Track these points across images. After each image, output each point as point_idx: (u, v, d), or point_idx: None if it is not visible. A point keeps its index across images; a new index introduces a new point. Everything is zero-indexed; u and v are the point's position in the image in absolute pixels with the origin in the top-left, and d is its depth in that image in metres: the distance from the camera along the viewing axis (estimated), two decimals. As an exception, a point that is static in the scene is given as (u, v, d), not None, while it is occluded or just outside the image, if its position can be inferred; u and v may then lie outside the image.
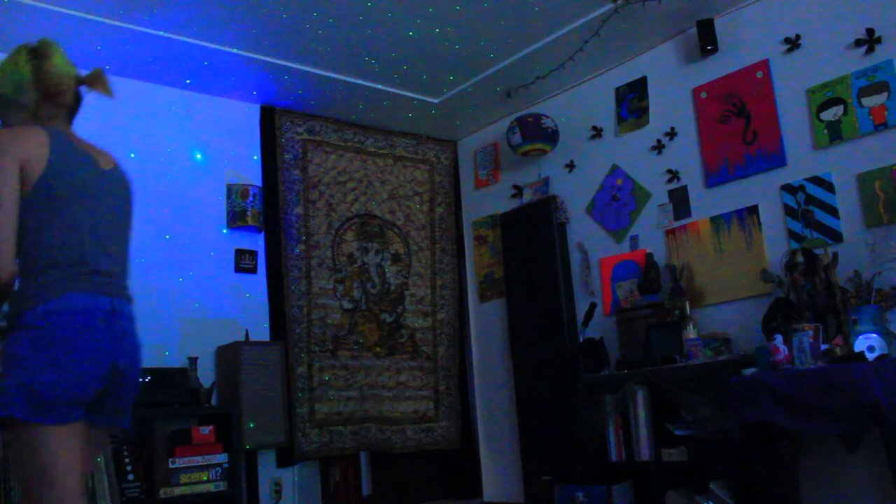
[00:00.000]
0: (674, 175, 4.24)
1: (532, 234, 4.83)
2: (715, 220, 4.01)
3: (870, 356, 2.98)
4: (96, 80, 2.04)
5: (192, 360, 4.10)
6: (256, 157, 4.79)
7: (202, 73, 4.34)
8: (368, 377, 4.89)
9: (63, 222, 1.88)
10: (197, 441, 3.80)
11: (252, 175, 4.73)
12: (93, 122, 4.19)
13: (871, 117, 3.46)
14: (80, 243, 1.89)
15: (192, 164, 4.53)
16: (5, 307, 1.89)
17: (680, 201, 4.20)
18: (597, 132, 4.68)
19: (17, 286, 1.85)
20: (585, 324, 4.29)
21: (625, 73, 4.57)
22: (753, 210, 3.85)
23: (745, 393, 3.10)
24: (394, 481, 5.06)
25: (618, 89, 4.60)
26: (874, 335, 3.07)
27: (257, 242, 4.68)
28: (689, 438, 3.49)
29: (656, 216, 4.31)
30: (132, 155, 4.28)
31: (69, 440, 1.80)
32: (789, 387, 2.96)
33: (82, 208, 1.92)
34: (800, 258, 3.40)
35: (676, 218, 4.21)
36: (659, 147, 4.33)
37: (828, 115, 3.61)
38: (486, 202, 5.38)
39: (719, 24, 4.03)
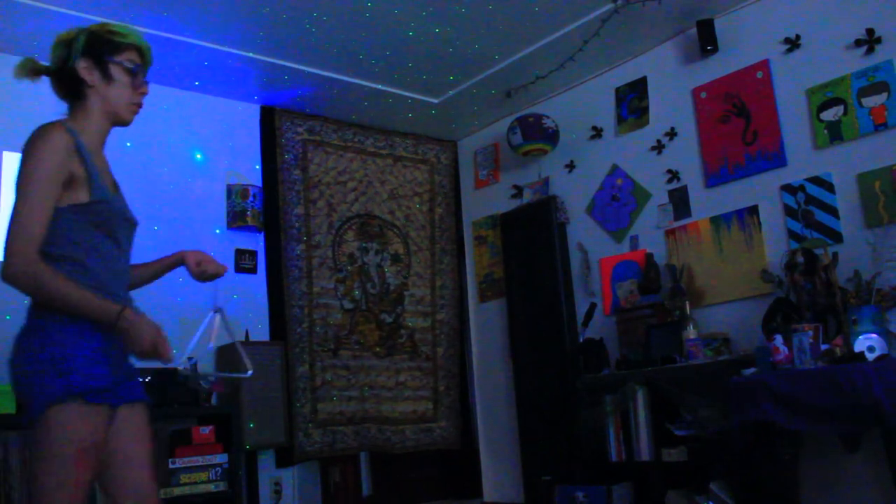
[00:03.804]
0: (674, 175, 4.24)
1: (532, 234, 4.82)
2: (715, 220, 4.01)
3: (870, 356, 2.98)
4: None
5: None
6: (256, 158, 4.79)
7: (202, 73, 4.34)
8: (368, 377, 4.89)
9: None
10: (197, 441, 3.80)
11: (252, 175, 4.73)
12: (93, 122, 4.19)
13: (871, 117, 3.46)
14: None
15: (192, 164, 4.53)
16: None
17: (680, 201, 4.20)
18: (597, 132, 4.67)
19: None
20: (585, 324, 4.29)
21: (625, 73, 4.57)
22: (753, 210, 3.85)
23: (745, 393, 3.10)
24: (394, 481, 5.06)
25: (618, 89, 4.60)
26: (874, 335, 3.07)
27: (257, 242, 4.68)
28: (689, 438, 3.49)
29: (656, 216, 4.31)
30: (128, 144, 4.27)
31: None
32: (789, 387, 2.96)
33: None
34: (800, 258, 3.40)
35: (676, 218, 4.20)
36: (659, 147, 4.33)
37: (828, 115, 3.61)
38: (486, 202, 5.38)
39: (719, 24, 4.03)
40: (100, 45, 1.91)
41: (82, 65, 1.89)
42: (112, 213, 1.90)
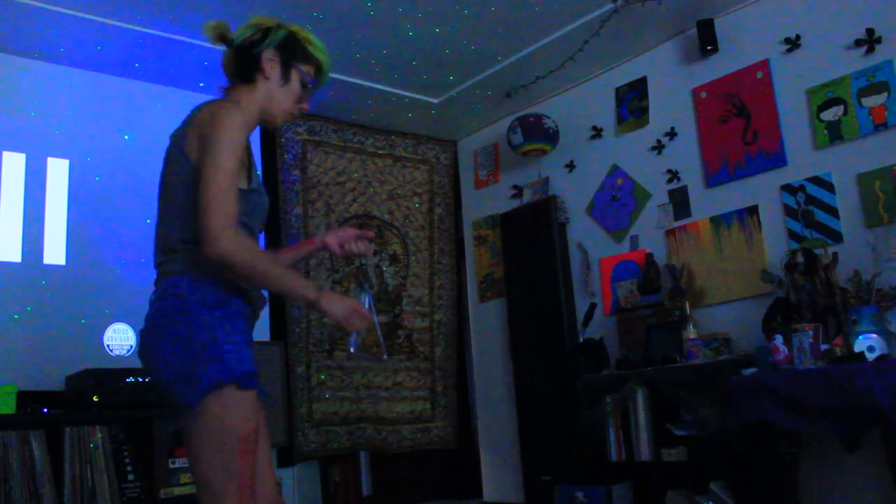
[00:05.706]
0: (674, 175, 4.24)
1: (532, 234, 4.82)
2: (715, 220, 4.01)
3: (870, 356, 2.98)
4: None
5: (192, 360, 4.10)
6: (256, 158, 4.78)
7: (202, 73, 4.33)
8: (365, 377, 4.89)
9: None
10: (197, 441, 3.79)
11: (252, 175, 4.73)
12: (92, 122, 4.20)
13: (871, 117, 3.46)
14: None
15: (192, 164, 4.52)
16: None
17: (680, 201, 4.20)
18: (597, 132, 4.67)
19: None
20: (585, 324, 4.28)
21: (625, 73, 4.57)
22: (753, 210, 3.85)
23: (745, 393, 3.10)
24: (394, 481, 5.06)
25: (618, 89, 4.60)
26: (874, 335, 3.07)
27: (257, 242, 4.67)
28: (689, 438, 3.49)
29: (656, 216, 4.31)
30: (126, 137, 4.27)
31: None
32: (789, 387, 2.97)
33: None
34: (800, 258, 3.40)
35: (676, 218, 4.20)
36: (659, 147, 4.33)
37: (828, 115, 3.62)
38: (486, 202, 5.38)
39: (719, 24, 4.03)
40: (294, 47, 1.92)
41: (268, 56, 1.89)
42: (263, 205, 1.88)
